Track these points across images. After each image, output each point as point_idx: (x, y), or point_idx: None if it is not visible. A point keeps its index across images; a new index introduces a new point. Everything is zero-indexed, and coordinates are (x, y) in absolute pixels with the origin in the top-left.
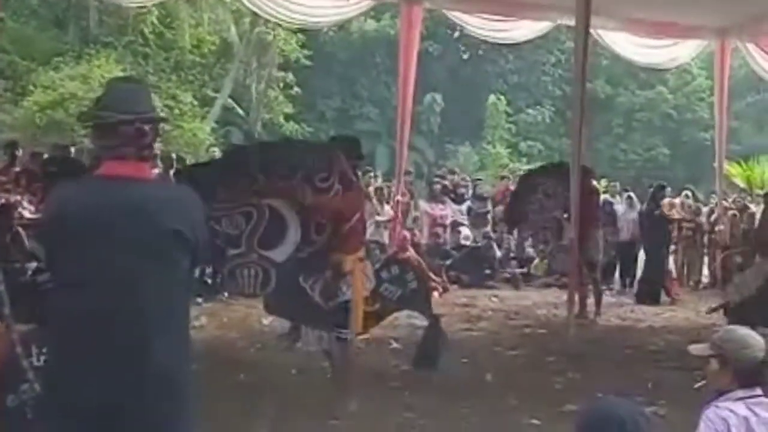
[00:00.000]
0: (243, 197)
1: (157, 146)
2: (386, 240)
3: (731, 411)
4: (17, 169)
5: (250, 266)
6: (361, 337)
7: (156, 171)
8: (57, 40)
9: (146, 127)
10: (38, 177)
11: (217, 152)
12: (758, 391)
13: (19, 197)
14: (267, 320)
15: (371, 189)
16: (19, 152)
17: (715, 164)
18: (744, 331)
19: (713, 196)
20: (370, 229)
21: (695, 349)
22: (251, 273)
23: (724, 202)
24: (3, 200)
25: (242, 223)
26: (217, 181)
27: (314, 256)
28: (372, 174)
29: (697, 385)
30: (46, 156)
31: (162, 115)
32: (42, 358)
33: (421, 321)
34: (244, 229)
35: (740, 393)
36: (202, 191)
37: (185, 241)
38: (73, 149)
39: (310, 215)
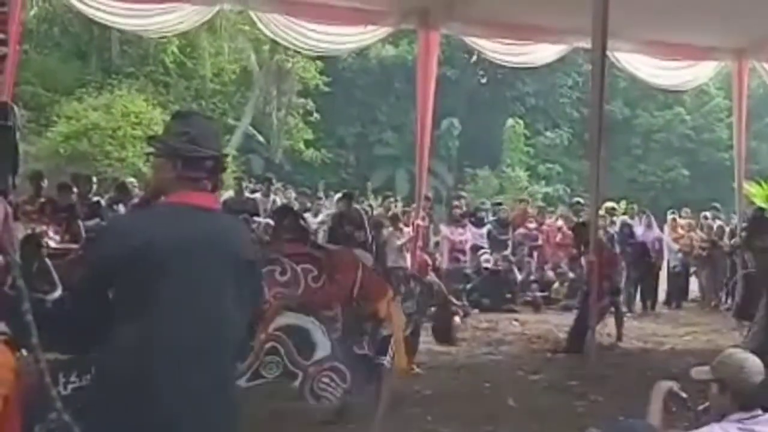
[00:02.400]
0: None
1: None
2: (406, 263)
3: (722, 429)
4: (42, 199)
5: (320, 378)
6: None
7: None
8: (79, 71)
9: (221, 164)
10: (63, 207)
11: (244, 183)
12: (759, 411)
13: (44, 227)
14: None
15: (390, 214)
16: (45, 183)
17: (735, 185)
18: (742, 355)
19: (733, 216)
20: (391, 256)
21: (697, 372)
22: (326, 382)
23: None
24: (29, 231)
25: (277, 360)
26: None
27: (348, 322)
28: (392, 199)
29: (700, 407)
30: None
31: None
32: (70, 386)
33: (440, 347)
34: (285, 362)
35: (739, 415)
36: None
37: (256, 271)
38: (95, 179)
39: (318, 310)
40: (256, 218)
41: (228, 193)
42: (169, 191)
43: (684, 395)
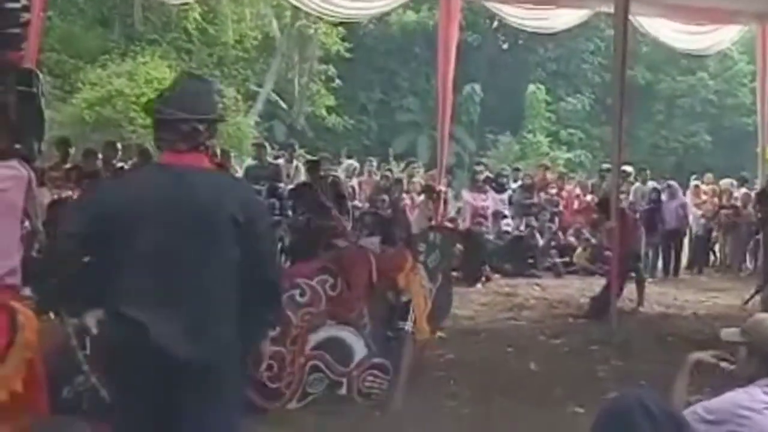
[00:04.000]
0: (293, 358)
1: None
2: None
3: (747, 395)
4: (68, 165)
5: (364, 378)
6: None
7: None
8: (103, 38)
9: (200, 127)
10: (88, 173)
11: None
12: None
13: (70, 193)
14: None
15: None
16: (72, 150)
17: (758, 149)
18: None
19: (755, 181)
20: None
21: (726, 333)
22: (370, 380)
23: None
24: (55, 196)
25: (321, 377)
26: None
27: (374, 311)
28: (414, 165)
29: (729, 369)
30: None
31: (219, 114)
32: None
33: (463, 311)
34: (327, 375)
35: (766, 380)
36: None
37: (238, 226)
38: (120, 145)
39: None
40: (278, 184)
41: (249, 160)
42: (158, 153)
43: (714, 361)
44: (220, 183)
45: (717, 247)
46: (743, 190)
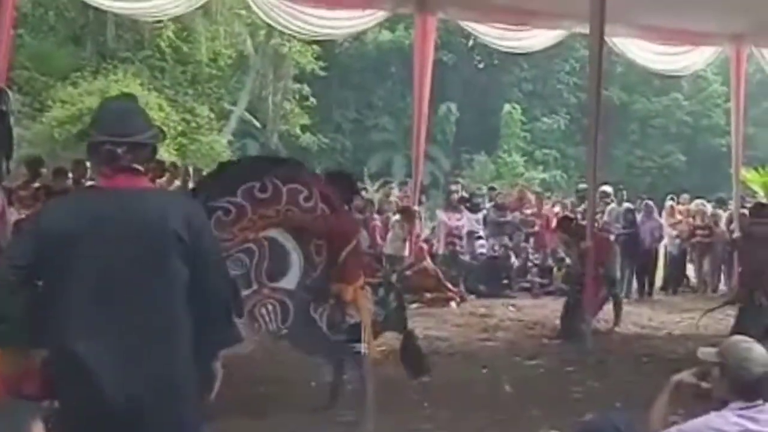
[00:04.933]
0: (239, 235)
1: (172, 159)
2: (405, 252)
3: (721, 419)
4: (37, 184)
5: (266, 302)
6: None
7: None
8: (75, 56)
9: (119, 150)
10: (58, 192)
11: None
12: (760, 401)
13: None
14: None
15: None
16: (44, 170)
17: (732, 170)
18: (747, 345)
19: (730, 202)
20: (395, 244)
21: (704, 353)
22: (269, 309)
23: (741, 209)
24: (24, 216)
25: (246, 261)
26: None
27: (319, 282)
28: (392, 185)
29: (704, 386)
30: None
31: (150, 134)
32: None
33: (438, 332)
34: (250, 267)
35: (739, 404)
36: None
37: (183, 242)
38: (89, 164)
39: (305, 237)
40: None
41: None
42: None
43: (695, 381)
44: (161, 200)
45: (692, 268)
46: (719, 211)
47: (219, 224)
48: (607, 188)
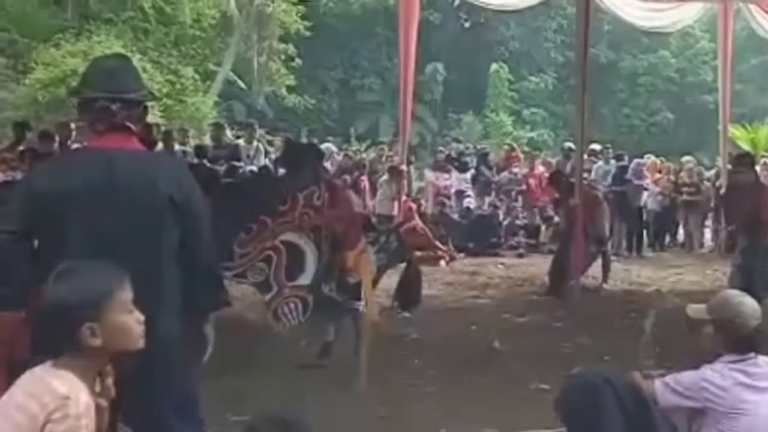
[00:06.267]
0: (257, 247)
1: (158, 121)
2: (394, 212)
3: (715, 372)
4: (22, 147)
5: (287, 301)
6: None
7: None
8: (57, 17)
9: (112, 106)
10: (43, 155)
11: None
12: (752, 354)
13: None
14: None
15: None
16: (30, 133)
17: (720, 127)
18: (739, 299)
19: (717, 158)
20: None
21: (692, 310)
22: (291, 307)
23: (729, 165)
24: (10, 178)
25: (265, 268)
26: (232, 241)
27: (327, 260)
28: (383, 145)
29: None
30: None
31: (143, 93)
32: None
33: (428, 290)
34: (269, 273)
35: (732, 357)
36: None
37: (175, 205)
38: (74, 125)
39: (317, 232)
40: (236, 164)
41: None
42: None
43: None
44: (153, 163)
45: (679, 225)
46: (702, 169)
47: (240, 242)
48: (596, 146)
